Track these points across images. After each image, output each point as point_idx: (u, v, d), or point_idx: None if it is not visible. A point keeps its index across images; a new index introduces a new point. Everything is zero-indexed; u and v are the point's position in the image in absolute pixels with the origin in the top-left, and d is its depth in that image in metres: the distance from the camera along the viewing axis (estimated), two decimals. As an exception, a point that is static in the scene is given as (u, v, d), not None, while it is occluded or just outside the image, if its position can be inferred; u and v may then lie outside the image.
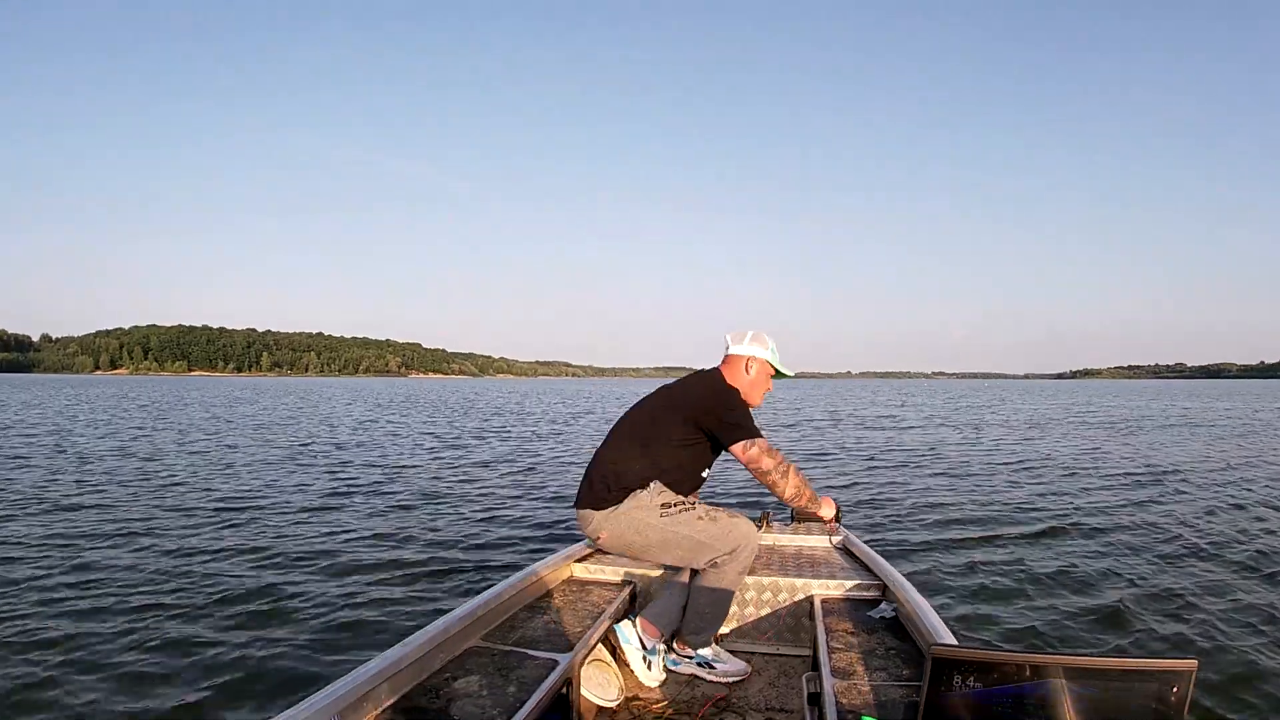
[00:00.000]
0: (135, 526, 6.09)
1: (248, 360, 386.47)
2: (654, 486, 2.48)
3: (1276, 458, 11.40)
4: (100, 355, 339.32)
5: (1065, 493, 7.95)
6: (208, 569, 4.80)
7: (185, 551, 5.28)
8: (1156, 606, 4.16)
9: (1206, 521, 6.26)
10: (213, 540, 5.61)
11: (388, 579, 4.64)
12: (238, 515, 6.61)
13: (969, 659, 1.12)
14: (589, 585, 2.77)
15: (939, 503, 7.36)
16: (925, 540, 5.72)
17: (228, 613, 4.03)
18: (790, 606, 2.81)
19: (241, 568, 4.87)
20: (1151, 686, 1.08)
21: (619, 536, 2.50)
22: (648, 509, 2.45)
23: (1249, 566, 4.97)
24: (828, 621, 2.44)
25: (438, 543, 5.56)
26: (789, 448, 12.67)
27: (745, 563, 2.46)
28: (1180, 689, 1.07)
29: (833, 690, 1.86)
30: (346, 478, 9.00)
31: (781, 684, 2.60)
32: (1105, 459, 11.07)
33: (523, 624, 2.33)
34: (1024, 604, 4.34)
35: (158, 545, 5.45)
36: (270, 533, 5.87)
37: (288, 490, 8.11)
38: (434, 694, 1.83)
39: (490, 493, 7.81)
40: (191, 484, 8.44)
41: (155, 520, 6.36)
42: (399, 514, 6.66)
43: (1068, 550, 5.41)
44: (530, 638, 2.22)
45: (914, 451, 11.88)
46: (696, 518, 2.45)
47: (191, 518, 6.51)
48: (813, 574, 2.85)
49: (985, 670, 1.11)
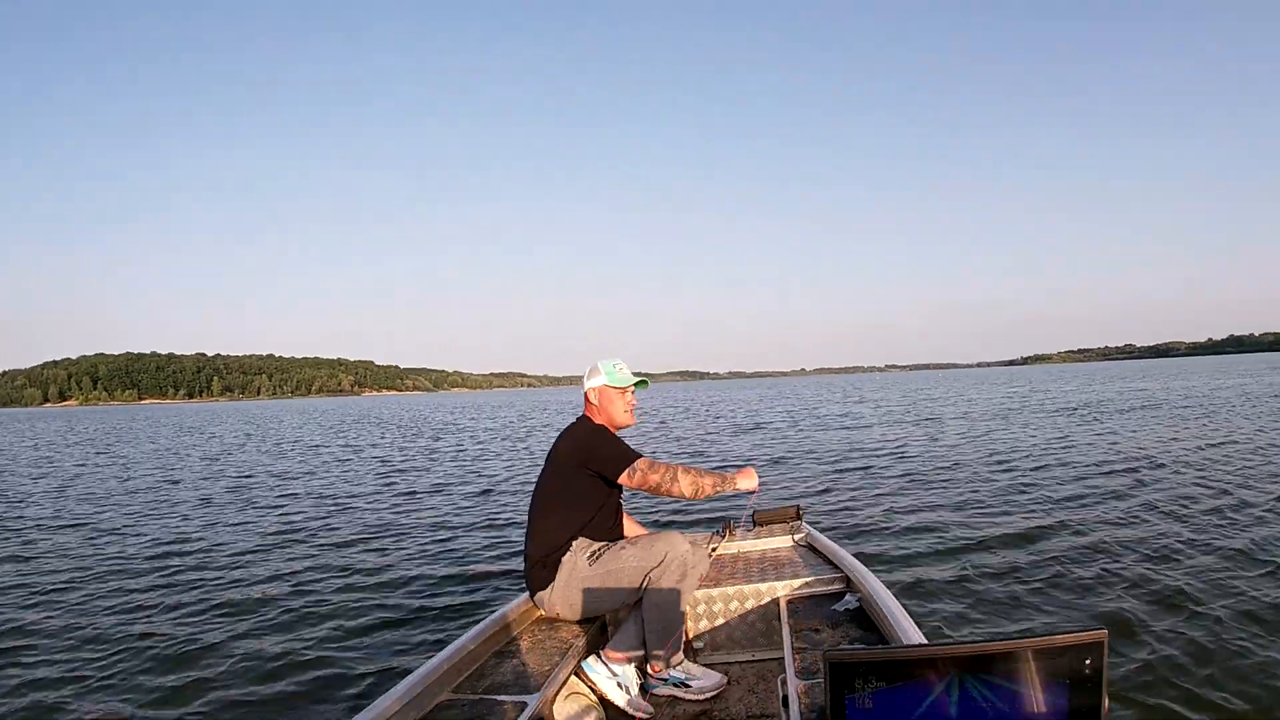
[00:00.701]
0: (60, 578, 5.70)
1: (198, 385, 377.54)
2: (576, 545, 2.61)
3: (1250, 437, 11.15)
4: (49, 387, 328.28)
5: (1035, 484, 7.93)
6: (136, 627, 4.36)
7: (116, 610, 4.84)
8: (1132, 591, 4.17)
9: (1187, 508, 6.21)
10: (145, 594, 5.16)
11: (344, 632, 4.23)
12: (175, 562, 6.16)
13: (867, 659, 1.03)
14: (557, 623, 2.74)
15: (909, 502, 7.30)
16: (902, 540, 5.67)
17: (155, 684, 3.59)
18: (759, 610, 2.82)
19: (177, 625, 4.41)
20: (1063, 662, 1.01)
21: (569, 603, 2.59)
22: (579, 567, 2.56)
23: (1237, 551, 4.89)
24: (793, 621, 2.49)
25: (395, 585, 5.16)
26: (750, 454, 12.62)
27: (678, 571, 2.47)
28: (1094, 661, 1.00)
29: (797, 692, 1.86)
30: (293, 514, 8.45)
31: (760, 690, 2.61)
32: (1074, 447, 10.99)
33: (492, 671, 2.30)
34: (994, 592, 4.34)
35: (83, 603, 5.01)
36: (210, 582, 5.39)
37: (229, 532, 7.62)
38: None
39: (447, 523, 7.42)
40: (127, 529, 7.96)
41: (86, 570, 5.96)
42: (351, 554, 6.19)
43: (1040, 542, 5.37)
44: (500, 683, 2.19)
45: (879, 451, 11.82)
46: (620, 549, 2.56)
47: (125, 567, 6.08)
48: (776, 576, 2.88)
49: (887, 670, 1.02)
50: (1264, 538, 5.06)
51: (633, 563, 2.49)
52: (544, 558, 2.60)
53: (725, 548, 3.37)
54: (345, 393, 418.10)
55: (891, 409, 24.45)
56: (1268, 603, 3.83)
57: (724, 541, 3.37)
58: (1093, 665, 1.00)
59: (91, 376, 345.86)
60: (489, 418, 33.08)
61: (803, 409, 27.27)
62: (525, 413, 38.61)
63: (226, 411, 78.28)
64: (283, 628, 4.34)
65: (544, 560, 2.60)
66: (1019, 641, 1.01)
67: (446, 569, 5.56)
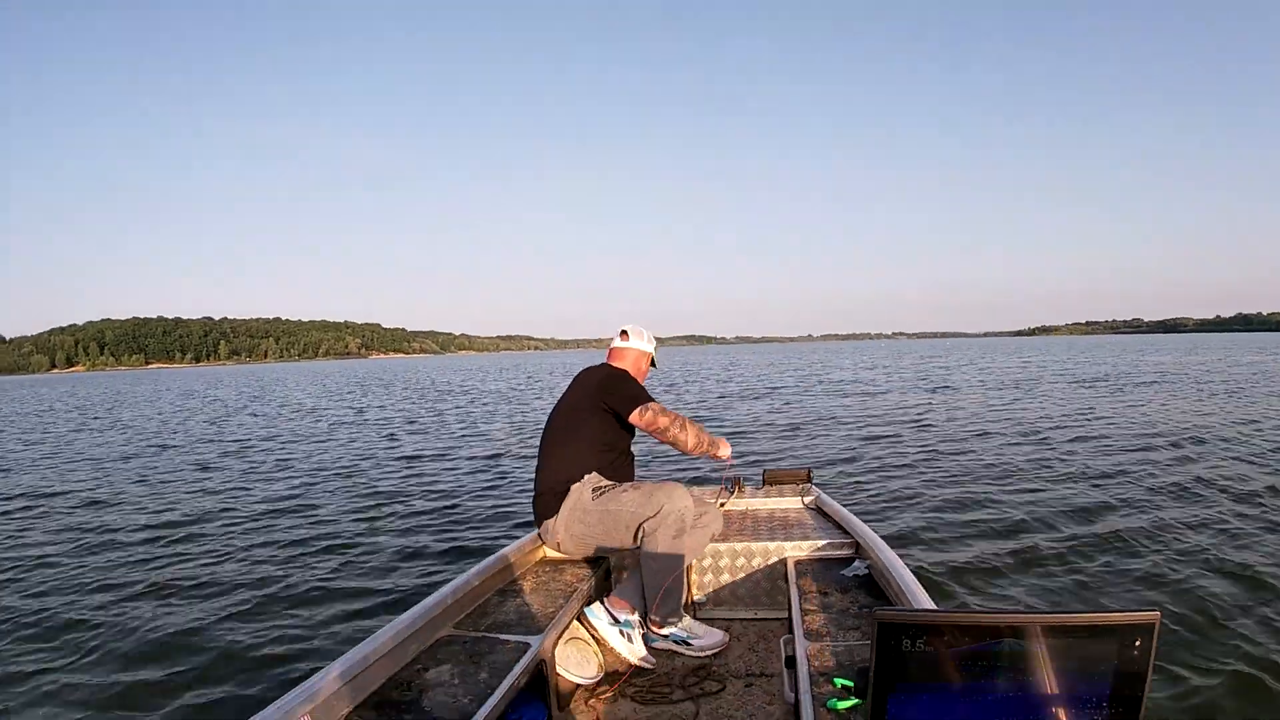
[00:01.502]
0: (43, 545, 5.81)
1: (205, 349, 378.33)
2: (588, 478, 2.62)
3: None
4: (56, 353, 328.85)
5: (1065, 457, 7.70)
6: (168, 568, 4.60)
7: (140, 558, 5.06)
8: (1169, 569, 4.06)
9: (1238, 486, 5.97)
10: (176, 543, 5.38)
11: (355, 573, 4.44)
12: (200, 518, 6.33)
13: (916, 622, 1.02)
14: (562, 565, 2.75)
15: (930, 473, 7.15)
16: (919, 510, 5.60)
17: (192, 615, 3.83)
18: (765, 570, 2.81)
19: (203, 567, 4.65)
20: (1111, 642, 0.99)
21: (570, 533, 2.60)
22: (584, 497, 2.58)
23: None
24: (801, 583, 2.46)
25: (405, 532, 5.34)
26: (770, 420, 12.43)
27: (675, 526, 2.47)
28: (1143, 643, 0.98)
29: (806, 654, 1.85)
30: (306, 471, 8.67)
31: (761, 648, 2.60)
32: (1103, 419, 10.67)
33: (495, 609, 2.31)
34: (1013, 561, 4.29)
35: (111, 543, 5.25)
36: (227, 532, 5.61)
37: (242, 486, 7.87)
38: (405, 686, 1.80)
39: (456, 478, 7.57)
40: (154, 482, 8.13)
41: (110, 522, 6.09)
42: (362, 507, 6.36)
43: (1072, 519, 5.20)
44: (502, 622, 2.20)
45: (900, 420, 11.58)
46: (622, 491, 2.56)
47: (157, 516, 6.28)
48: (785, 536, 2.86)
49: (934, 633, 1.01)
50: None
51: (630, 508, 2.49)
52: (554, 486, 2.62)
53: (734, 504, 3.37)
54: (352, 355, 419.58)
55: (905, 376, 24.22)
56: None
57: (732, 498, 3.36)
58: (1141, 647, 0.98)
59: (98, 342, 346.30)
60: (495, 380, 32.98)
61: (814, 375, 27.03)
62: (535, 375, 38.68)
63: (233, 375, 78.64)
64: (306, 567, 4.57)
65: (554, 488, 2.62)
66: (1068, 615, 1.00)
67: (457, 518, 5.71)
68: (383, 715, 1.67)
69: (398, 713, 1.68)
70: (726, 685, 2.34)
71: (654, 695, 2.29)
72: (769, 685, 2.35)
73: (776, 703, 2.24)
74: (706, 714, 2.20)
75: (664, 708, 2.23)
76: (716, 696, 2.28)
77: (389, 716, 1.67)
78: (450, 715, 1.66)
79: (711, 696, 2.28)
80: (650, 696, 2.29)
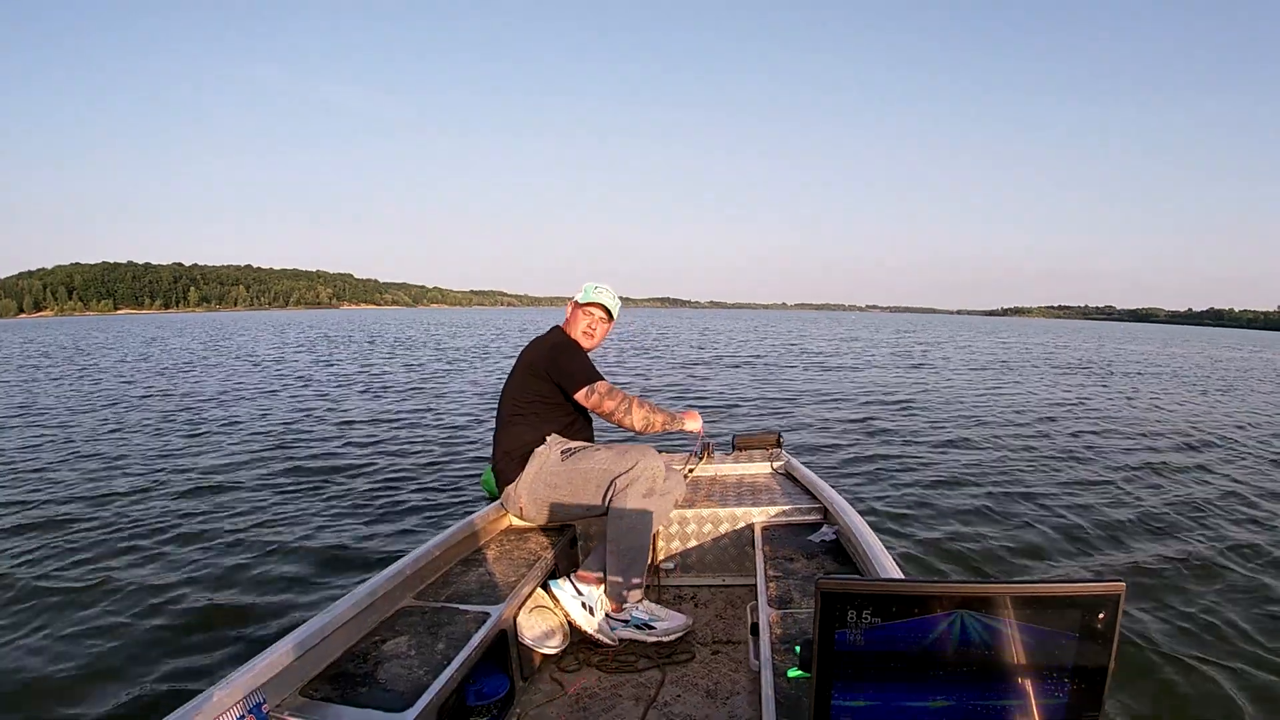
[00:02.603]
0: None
1: (175, 296, 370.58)
2: (551, 439, 2.58)
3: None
4: (24, 298, 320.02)
5: (1049, 436, 7.79)
6: (99, 549, 4.23)
7: (70, 522, 4.96)
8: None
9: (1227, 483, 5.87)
10: (120, 510, 5.07)
11: (311, 545, 4.16)
12: (140, 484, 6.04)
13: (862, 591, 0.94)
14: (527, 533, 2.71)
15: (914, 449, 7.08)
16: (895, 480, 5.61)
17: (135, 590, 3.55)
18: (732, 535, 2.79)
19: (144, 538, 4.32)
20: (1075, 613, 0.93)
21: (534, 496, 2.55)
22: (550, 459, 2.53)
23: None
24: (767, 549, 2.44)
25: (365, 501, 5.07)
26: (751, 394, 12.20)
27: (646, 484, 2.41)
28: (1107, 614, 0.93)
29: (768, 621, 1.83)
30: (262, 430, 8.26)
31: (729, 615, 2.60)
32: (1092, 406, 10.65)
33: (456, 579, 2.28)
34: (988, 535, 4.30)
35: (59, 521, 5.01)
36: (171, 499, 5.24)
37: (189, 448, 7.51)
38: (362, 658, 1.75)
39: (420, 443, 7.30)
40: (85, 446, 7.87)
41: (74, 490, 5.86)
42: (317, 473, 6.02)
43: (1050, 495, 5.26)
44: (463, 592, 2.17)
45: (882, 392, 11.56)
46: (595, 450, 2.52)
47: (82, 486, 6.09)
48: (753, 501, 2.84)
49: (882, 603, 0.93)
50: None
51: (603, 465, 2.44)
52: (513, 450, 2.57)
53: (702, 470, 3.33)
54: (323, 305, 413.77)
55: (886, 350, 24.14)
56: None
57: (701, 464, 3.32)
58: (1106, 619, 0.93)
59: (67, 287, 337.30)
60: (465, 338, 32.17)
61: (794, 345, 26.79)
62: (504, 332, 38.08)
63: (200, 321, 76.78)
64: (257, 539, 4.30)
65: (513, 453, 2.57)
66: (1028, 585, 0.93)
67: (421, 484, 5.51)
68: (338, 688, 1.63)
69: (354, 685, 1.64)
70: (694, 654, 2.32)
71: (619, 664, 2.27)
72: (735, 653, 2.33)
73: (742, 670, 2.23)
74: (672, 682, 2.18)
75: (629, 676, 2.21)
76: (683, 665, 2.27)
77: (344, 689, 1.63)
78: (407, 687, 1.62)
79: (678, 665, 2.26)
80: (616, 665, 2.27)
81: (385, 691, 1.61)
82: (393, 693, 1.61)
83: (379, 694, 1.60)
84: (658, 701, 2.08)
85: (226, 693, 1.40)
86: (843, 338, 34.41)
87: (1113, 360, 22.32)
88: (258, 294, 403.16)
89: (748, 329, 46.12)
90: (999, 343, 33.12)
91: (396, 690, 1.61)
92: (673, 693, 2.12)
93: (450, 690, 1.68)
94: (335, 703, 1.58)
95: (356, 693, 1.61)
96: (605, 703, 2.09)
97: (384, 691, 1.61)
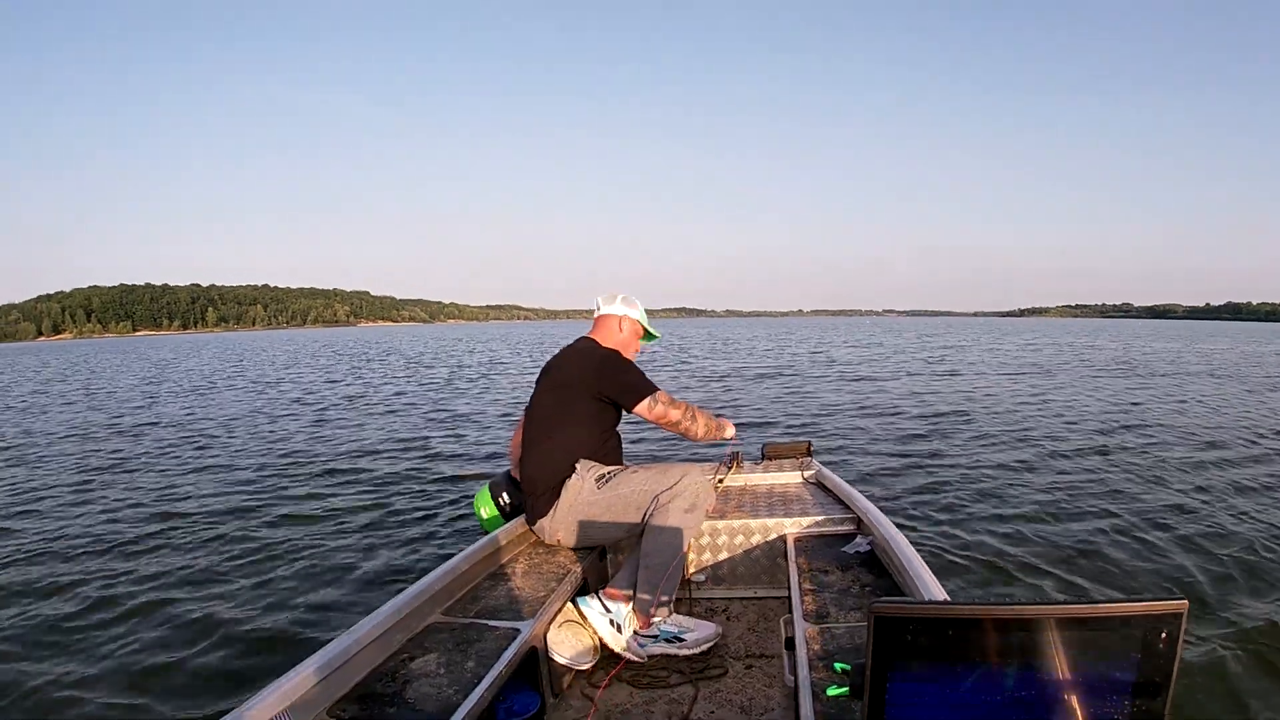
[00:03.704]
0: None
1: (193, 316, 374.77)
2: (581, 466, 2.52)
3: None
4: (42, 321, 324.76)
5: (1098, 441, 7.41)
6: (127, 566, 4.29)
7: (94, 549, 4.94)
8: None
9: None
10: (143, 530, 5.17)
11: (338, 562, 4.20)
12: (170, 504, 6.15)
13: (917, 615, 0.91)
14: (554, 548, 2.66)
15: (949, 451, 6.94)
16: (937, 493, 5.37)
17: (161, 613, 3.57)
18: (764, 547, 2.75)
19: (170, 556, 4.40)
20: (1135, 632, 0.89)
21: (571, 528, 2.51)
22: (585, 489, 2.47)
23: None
24: (800, 561, 2.40)
25: (390, 518, 5.11)
26: (779, 400, 12.11)
27: (688, 500, 2.38)
28: (1169, 633, 0.88)
29: (805, 636, 1.79)
30: (286, 452, 8.37)
31: (761, 628, 2.56)
32: (1139, 407, 10.24)
33: (485, 594, 2.25)
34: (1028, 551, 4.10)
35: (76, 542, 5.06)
36: (196, 518, 5.31)
37: (218, 465, 7.71)
38: (390, 678, 1.72)
39: (446, 458, 7.39)
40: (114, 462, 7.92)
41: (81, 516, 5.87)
42: (336, 492, 6.07)
43: (1107, 500, 5.06)
44: (492, 608, 2.14)
45: (912, 399, 11.18)
46: (633, 472, 2.48)
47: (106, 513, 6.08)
48: (785, 512, 2.79)
49: (938, 627, 0.91)
50: None
51: (644, 485, 2.41)
52: (547, 482, 2.51)
53: (732, 480, 3.30)
54: (341, 323, 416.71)
55: (913, 356, 23.29)
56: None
57: (730, 474, 3.28)
58: (1168, 638, 0.89)
59: (85, 309, 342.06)
60: (480, 353, 32.24)
61: (818, 353, 25.83)
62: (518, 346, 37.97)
63: (217, 342, 77.52)
64: (287, 554, 4.35)
65: (547, 484, 2.51)
66: (1087, 606, 0.89)
67: (449, 498, 5.55)
68: (365, 708, 1.60)
69: (381, 705, 1.61)
70: (727, 668, 2.29)
71: (651, 679, 2.24)
72: (769, 667, 2.30)
73: (776, 685, 2.19)
74: (705, 697, 2.15)
75: (662, 692, 2.18)
76: (716, 680, 2.23)
77: (372, 709, 1.60)
78: (436, 706, 1.59)
79: (711, 680, 2.23)
80: (648, 680, 2.24)
81: (414, 711, 1.59)
82: (422, 713, 1.58)
83: (408, 714, 1.58)
84: (690, 717, 2.05)
85: (252, 713, 1.39)
86: (865, 343, 33.77)
87: (1148, 360, 21.49)
88: (275, 313, 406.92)
89: (768, 337, 45.62)
90: (1026, 344, 32.39)
91: (426, 710, 1.59)
92: (706, 708, 2.09)
93: (481, 709, 1.64)
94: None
95: (385, 713, 1.59)
96: (637, 719, 2.07)
97: (413, 711, 1.59)
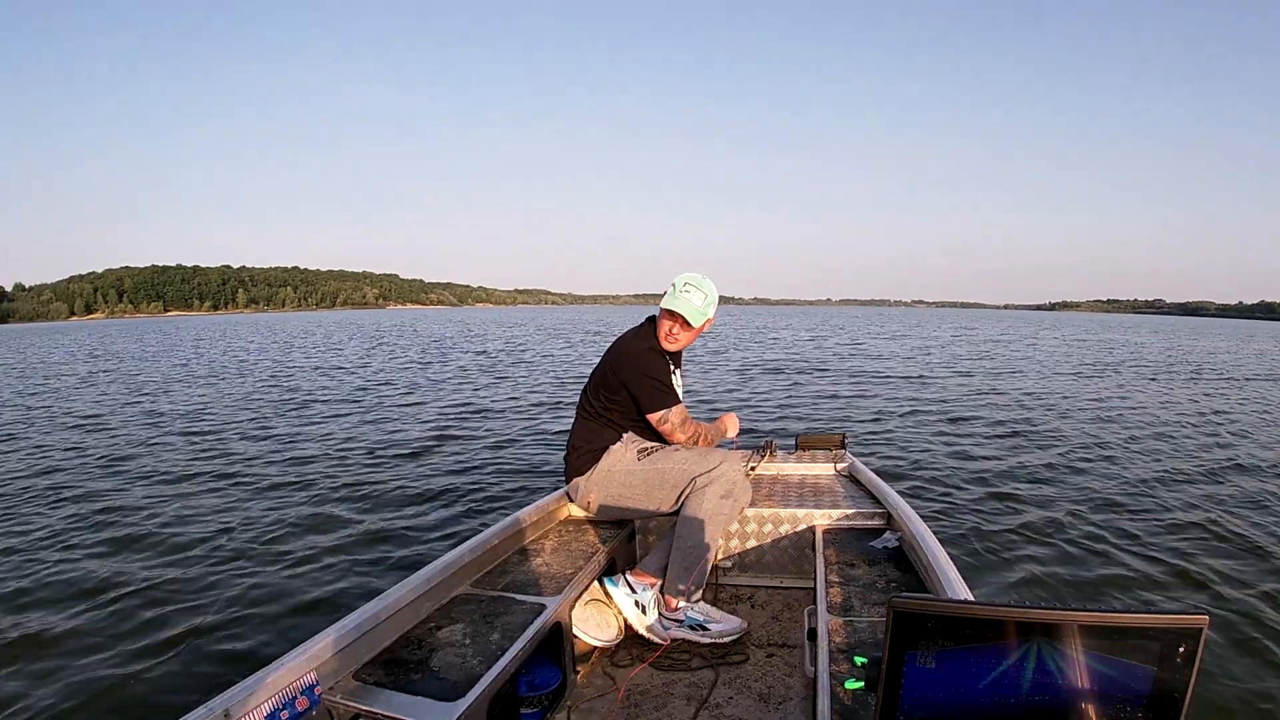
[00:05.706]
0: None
1: (224, 298, 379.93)
2: (627, 437, 2.57)
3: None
4: (75, 301, 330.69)
5: (1142, 449, 7.01)
6: (168, 531, 4.48)
7: (135, 512, 5.10)
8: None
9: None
10: (173, 496, 5.38)
11: (370, 531, 4.35)
12: (214, 470, 6.32)
13: (937, 613, 0.92)
14: (586, 525, 2.72)
15: (987, 449, 6.73)
16: (969, 486, 5.30)
17: (196, 574, 3.76)
18: (792, 537, 2.76)
19: (208, 526, 4.56)
20: (1154, 645, 0.90)
21: (605, 492, 2.55)
22: (626, 458, 2.52)
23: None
24: (828, 553, 2.41)
25: (424, 489, 5.28)
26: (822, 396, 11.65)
27: (724, 487, 2.40)
28: (1188, 648, 0.89)
29: (828, 628, 1.80)
30: (327, 424, 8.60)
31: (785, 618, 2.58)
32: (1196, 413, 9.56)
33: (514, 568, 2.29)
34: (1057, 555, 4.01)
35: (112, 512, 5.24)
36: (235, 484, 5.58)
37: (256, 433, 7.94)
38: (416, 645, 1.78)
39: (482, 435, 7.48)
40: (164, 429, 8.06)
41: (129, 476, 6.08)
42: (384, 462, 6.29)
43: (1145, 511, 4.84)
44: (520, 582, 2.18)
45: (953, 391, 10.90)
46: (674, 450, 2.52)
47: (160, 465, 6.35)
48: (815, 503, 2.80)
49: (957, 626, 0.92)
50: None
51: (682, 465, 2.44)
52: (590, 445, 2.56)
53: (764, 468, 3.31)
54: (370, 306, 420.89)
55: (959, 352, 21.67)
56: None
57: (763, 462, 3.29)
58: (1186, 652, 0.89)
59: (117, 290, 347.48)
60: (514, 334, 31.39)
61: (859, 347, 23.97)
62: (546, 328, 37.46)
63: (249, 323, 78.64)
64: (324, 524, 4.53)
65: (588, 446, 2.56)
66: (1108, 615, 0.90)
67: (481, 475, 5.67)
68: (391, 674, 1.65)
69: (407, 671, 1.65)
70: (749, 656, 2.32)
71: (672, 662, 2.28)
72: (790, 657, 2.32)
73: (796, 674, 2.21)
74: (725, 683, 2.17)
75: (682, 674, 2.22)
76: (737, 666, 2.26)
77: (398, 675, 1.64)
78: (460, 675, 1.64)
79: (732, 666, 2.26)
80: (669, 663, 2.27)
81: (438, 679, 1.63)
82: (445, 681, 1.62)
83: (432, 681, 1.62)
84: (710, 702, 2.08)
85: (280, 674, 1.43)
86: (898, 334, 32.85)
87: (1210, 361, 20.23)
88: (305, 295, 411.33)
89: (801, 327, 43.87)
90: (1071, 339, 30.94)
91: (449, 678, 1.63)
92: (725, 694, 2.12)
93: (503, 680, 1.68)
94: (388, 688, 1.60)
95: (409, 679, 1.63)
96: (657, 700, 2.09)
97: (437, 679, 1.63)
